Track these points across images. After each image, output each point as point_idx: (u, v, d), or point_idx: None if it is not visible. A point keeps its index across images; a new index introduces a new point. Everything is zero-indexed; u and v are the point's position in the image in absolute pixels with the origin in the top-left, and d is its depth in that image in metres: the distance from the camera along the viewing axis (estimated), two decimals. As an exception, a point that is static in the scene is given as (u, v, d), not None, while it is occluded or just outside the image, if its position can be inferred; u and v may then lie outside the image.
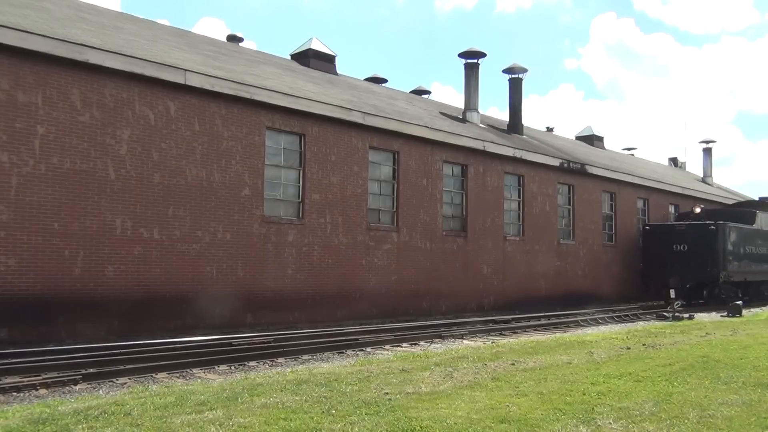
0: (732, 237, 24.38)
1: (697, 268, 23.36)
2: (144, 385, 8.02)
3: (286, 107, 15.98)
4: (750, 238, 25.70)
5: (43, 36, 12.20)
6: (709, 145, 41.67)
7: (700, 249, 23.50)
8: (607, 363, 9.27)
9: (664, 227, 25.90)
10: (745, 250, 25.15)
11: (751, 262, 25.69)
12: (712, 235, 23.58)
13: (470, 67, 26.10)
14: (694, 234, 23.99)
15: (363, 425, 5.66)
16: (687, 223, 25.31)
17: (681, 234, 24.40)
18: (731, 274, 23.90)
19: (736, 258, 24.42)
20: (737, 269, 24.46)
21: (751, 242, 25.73)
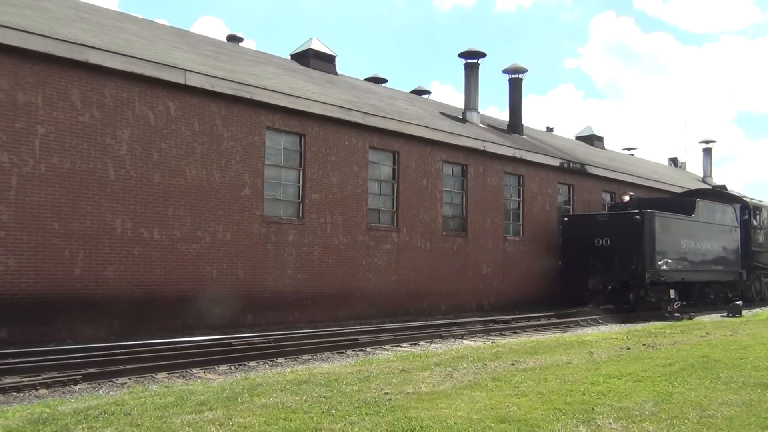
0: (663, 229, 20.27)
1: (621, 266, 19.49)
2: (144, 385, 8.02)
3: (286, 107, 15.98)
4: (689, 230, 21.50)
5: (43, 36, 12.20)
6: (709, 145, 41.70)
7: (624, 243, 19.58)
8: (607, 363, 9.27)
9: (585, 218, 21.77)
10: (682, 245, 21.03)
11: (692, 259, 21.56)
12: (637, 227, 19.54)
13: (470, 67, 26.10)
14: (618, 225, 20.05)
15: (363, 425, 5.66)
16: (610, 213, 21.83)
17: (603, 226, 20.40)
18: (661, 273, 19.77)
19: (669, 254, 20.31)
20: (672, 267, 20.33)
21: (691, 235, 21.53)
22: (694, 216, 21.98)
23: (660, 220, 20.20)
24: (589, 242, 20.30)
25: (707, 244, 22.29)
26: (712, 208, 23.42)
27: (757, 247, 25.54)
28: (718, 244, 22.89)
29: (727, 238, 23.56)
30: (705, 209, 22.80)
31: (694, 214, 21.97)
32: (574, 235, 21.14)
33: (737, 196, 25.61)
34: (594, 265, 19.97)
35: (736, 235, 24.08)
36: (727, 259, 23.53)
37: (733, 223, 24.03)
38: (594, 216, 21.55)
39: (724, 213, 23.86)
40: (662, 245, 20.06)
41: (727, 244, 23.59)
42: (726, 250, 23.47)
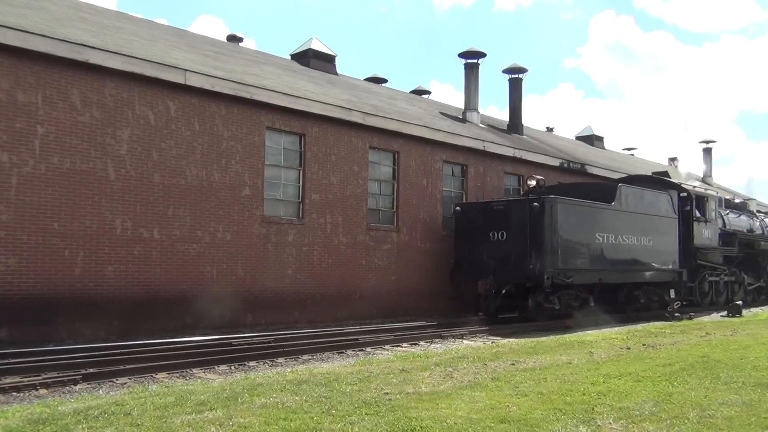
0: (570, 219, 16.54)
1: (518, 265, 15.93)
2: (144, 385, 8.02)
3: (286, 107, 15.98)
4: (608, 222, 17.68)
5: (43, 36, 12.20)
6: (709, 145, 41.73)
7: (522, 237, 16.11)
8: (607, 363, 9.27)
9: (479, 207, 17.83)
10: (598, 239, 17.30)
11: (612, 256, 17.79)
12: (536, 216, 15.84)
13: (470, 67, 26.11)
14: (515, 215, 16.39)
15: (363, 425, 5.66)
16: (507, 200, 18.05)
17: (499, 216, 16.70)
18: (568, 273, 16.17)
19: (579, 250, 16.86)
20: (583, 266, 16.87)
21: (611, 228, 17.69)
22: (615, 204, 17.97)
23: (565, 207, 16.44)
24: (484, 236, 16.72)
25: (633, 239, 18.50)
26: (639, 195, 19.29)
27: (703, 243, 21.48)
28: (648, 238, 19.02)
29: (661, 231, 19.67)
30: (630, 197, 18.71)
31: (614, 202, 17.96)
32: (468, 227, 17.34)
33: (676, 183, 21.75)
34: (488, 263, 16.37)
35: (674, 229, 20.25)
36: (662, 256, 19.66)
37: (670, 213, 20.10)
38: (489, 204, 17.60)
39: (656, 202, 19.81)
40: (569, 239, 16.46)
41: (662, 238, 19.68)
42: (660, 246, 19.56)
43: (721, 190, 39.55)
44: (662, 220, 19.90)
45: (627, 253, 18.40)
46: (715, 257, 22.40)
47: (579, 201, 17.22)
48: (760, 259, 25.79)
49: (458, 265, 17.51)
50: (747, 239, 24.56)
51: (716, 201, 22.88)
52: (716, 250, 22.31)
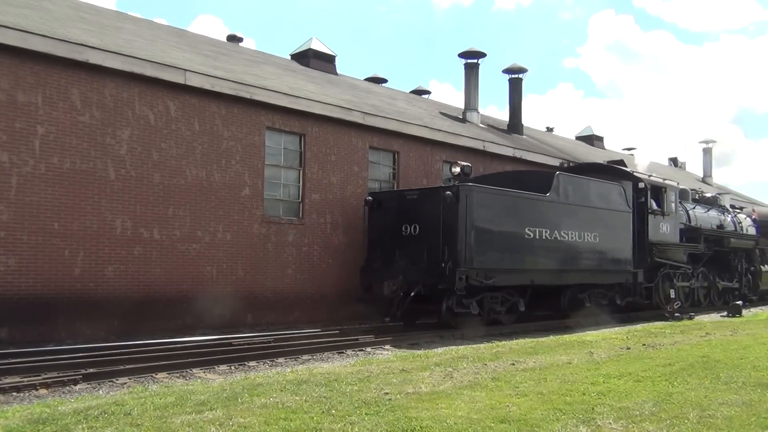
0: (490, 210, 14.30)
1: (429, 263, 13.80)
2: (144, 385, 8.02)
3: (286, 107, 15.98)
4: (542, 214, 15.45)
5: (43, 36, 12.20)
6: (709, 145, 41.71)
7: (435, 231, 13.87)
8: (607, 363, 9.27)
9: (392, 196, 15.65)
10: (528, 234, 14.99)
11: (547, 254, 15.54)
12: (450, 207, 13.60)
13: (470, 67, 26.12)
14: (428, 206, 14.07)
15: (363, 425, 5.66)
16: (420, 189, 15.57)
17: (412, 207, 14.50)
18: (488, 273, 13.96)
19: (503, 247, 14.52)
20: (509, 266, 14.61)
21: (545, 222, 15.45)
22: (552, 195, 15.68)
23: (485, 197, 14.23)
24: (397, 230, 14.58)
25: (575, 235, 16.21)
26: (582, 185, 16.97)
27: (660, 239, 19.05)
28: (595, 234, 16.80)
29: (611, 226, 17.44)
30: (569, 187, 16.40)
31: (550, 193, 15.66)
32: (381, 220, 15.12)
33: (629, 173, 19.32)
34: (398, 262, 14.29)
35: (628, 224, 18.00)
36: (613, 254, 17.53)
37: (622, 207, 17.80)
38: (402, 193, 15.42)
39: (605, 193, 17.48)
40: (490, 234, 14.23)
41: (613, 234, 17.49)
42: (610, 243, 17.41)
43: (721, 189, 39.58)
44: (612, 213, 17.55)
45: (568, 251, 16.15)
46: (678, 255, 20.02)
47: (503, 190, 14.90)
48: (732, 257, 23.34)
49: (370, 263, 15.18)
50: (715, 236, 22.19)
51: (676, 193, 20.32)
52: (678, 246, 19.99)
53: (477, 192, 14.14)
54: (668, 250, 19.53)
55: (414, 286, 13.63)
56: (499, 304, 14.77)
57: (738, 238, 23.51)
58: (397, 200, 15.15)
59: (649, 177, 19.84)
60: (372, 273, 14.91)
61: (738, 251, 23.62)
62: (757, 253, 25.09)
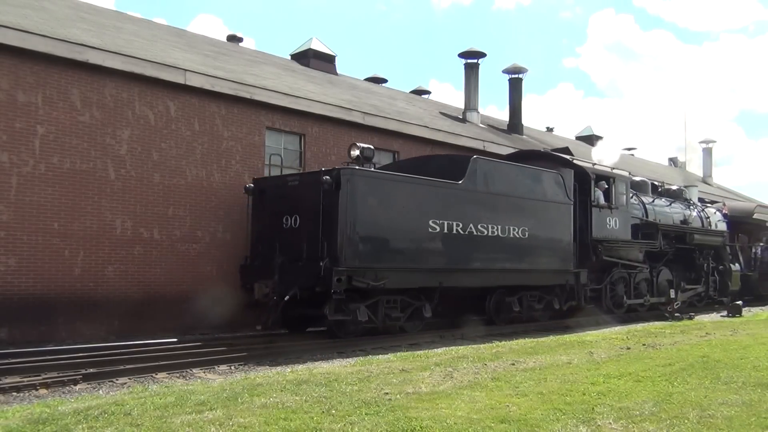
0: (381, 200, 12.15)
1: (308, 262, 11.78)
2: (144, 385, 8.02)
3: (286, 107, 15.99)
4: (452, 206, 13.22)
5: (43, 36, 12.21)
6: (709, 145, 41.72)
7: (314, 223, 11.92)
8: (607, 363, 9.27)
9: (275, 183, 13.50)
10: (434, 228, 12.79)
11: (461, 252, 13.36)
12: (330, 196, 11.70)
13: (470, 67, 26.14)
14: (309, 194, 12.08)
15: (363, 425, 5.66)
16: (301, 174, 14.00)
17: (294, 195, 12.57)
18: (378, 273, 11.95)
19: (399, 243, 12.42)
20: (408, 265, 12.53)
21: (456, 214, 13.22)
22: (465, 183, 13.48)
23: (372, 184, 12.08)
24: (278, 222, 12.61)
25: (498, 229, 13.99)
26: (506, 172, 14.74)
27: (606, 235, 16.92)
28: (524, 228, 14.59)
29: (545, 220, 15.24)
30: (490, 173, 14.15)
31: (463, 180, 13.46)
32: (264, 210, 13.16)
33: (568, 160, 17.00)
34: (276, 260, 12.14)
35: (568, 218, 15.78)
36: (548, 252, 15.36)
37: (560, 197, 15.59)
38: (284, 179, 13.31)
39: (538, 182, 15.28)
40: (380, 227, 12.14)
41: (548, 229, 15.33)
42: (544, 240, 15.20)
43: (721, 190, 39.58)
44: (547, 205, 15.33)
45: (489, 249, 13.91)
46: (632, 253, 18.05)
47: (398, 176, 12.93)
48: (696, 255, 21.10)
49: (251, 261, 13.25)
50: (675, 231, 19.91)
51: (627, 183, 18.05)
52: (631, 244, 17.93)
53: (362, 177, 11.99)
54: (619, 247, 17.48)
55: (290, 288, 11.66)
56: (398, 309, 12.68)
57: (703, 235, 21.20)
58: (279, 188, 13.03)
59: (594, 165, 17.52)
60: (252, 273, 12.86)
61: (704, 249, 21.32)
62: (727, 250, 22.79)
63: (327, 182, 11.63)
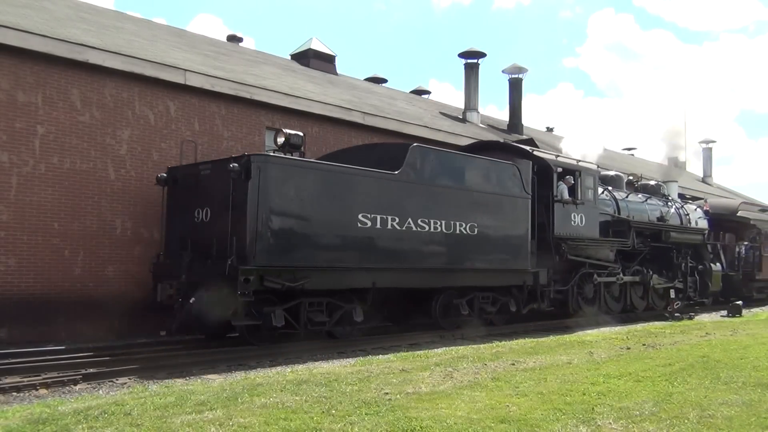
0: (299, 190, 10.91)
1: (218, 261, 10.49)
2: (144, 385, 8.02)
3: (286, 107, 15.99)
4: (387, 198, 12.00)
5: (43, 36, 12.21)
6: (709, 145, 41.73)
7: (224, 216, 10.68)
8: (607, 363, 9.27)
9: (187, 172, 12.00)
10: (364, 223, 11.58)
11: (398, 249, 12.15)
12: (239, 185, 10.50)
13: (470, 67, 26.16)
14: (220, 184, 10.86)
15: (363, 425, 5.66)
16: (214, 162, 11.84)
17: (206, 186, 11.36)
18: (298, 273, 10.77)
19: (322, 238, 11.21)
20: (333, 263, 11.34)
21: (392, 207, 12.02)
22: (403, 173, 12.22)
23: (288, 172, 10.84)
24: (190, 215, 11.41)
25: (441, 224, 12.75)
26: (452, 162, 13.48)
27: (571, 232, 15.58)
28: (472, 224, 13.32)
29: (499, 215, 13.94)
30: (432, 163, 12.90)
31: (401, 170, 12.20)
32: (178, 201, 11.86)
33: (527, 151, 15.66)
34: (185, 258, 11.02)
35: (525, 213, 14.45)
36: (502, 250, 14.08)
37: (515, 191, 14.28)
38: (197, 168, 11.87)
39: (489, 173, 13.96)
40: (297, 221, 10.92)
41: (501, 225, 14.01)
42: (497, 236, 13.90)
43: (721, 190, 39.58)
44: (501, 199, 13.98)
45: (432, 246, 12.74)
46: (601, 252, 16.85)
47: (320, 164, 11.74)
48: (674, 254, 19.82)
49: (164, 259, 11.88)
50: (650, 229, 18.70)
51: (595, 177, 16.61)
52: (599, 242, 16.66)
53: (277, 165, 10.76)
54: (586, 246, 16.14)
55: (194, 289, 10.54)
56: (324, 313, 11.49)
57: (681, 232, 19.89)
58: (191, 177, 11.70)
59: (557, 157, 16.16)
60: (164, 271, 11.58)
61: (682, 247, 20.09)
62: (708, 249, 21.50)
63: (235, 171, 10.40)
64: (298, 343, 11.29)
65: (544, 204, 15.00)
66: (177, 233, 11.70)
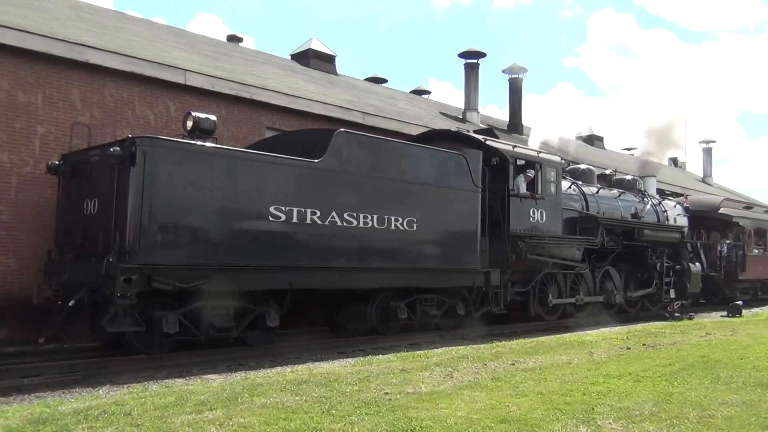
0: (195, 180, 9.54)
1: (102, 257, 9.12)
2: (144, 385, 8.02)
3: (286, 107, 15.99)
4: (307, 190, 10.67)
5: (43, 36, 12.21)
6: (709, 145, 41.76)
7: (108, 207, 9.46)
8: (607, 363, 9.28)
9: (78, 158, 10.57)
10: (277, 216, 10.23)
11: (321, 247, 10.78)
12: (122, 173, 9.23)
13: (470, 67, 26.19)
14: (107, 173, 9.56)
15: (363, 425, 5.66)
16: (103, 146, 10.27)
17: (95, 174, 10.01)
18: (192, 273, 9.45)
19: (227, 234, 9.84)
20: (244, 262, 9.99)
21: (314, 200, 10.69)
22: (326, 161, 10.84)
23: (179, 158, 9.49)
24: (80, 207, 10.18)
25: (373, 219, 11.36)
26: (382, 150, 11.89)
27: (532, 229, 14.45)
28: (410, 218, 11.92)
29: (441, 209, 12.52)
30: (358, 151, 11.39)
31: (323, 158, 10.82)
32: (69, 192, 10.66)
33: (479, 140, 14.34)
34: (68, 255, 10.21)
35: (474, 207, 13.08)
36: (446, 248, 12.70)
37: (463, 183, 12.90)
38: (87, 154, 10.40)
39: (431, 163, 12.61)
40: (193, 213, 9.50)
41: (444, 220, 12.62)
42: (440, 233, 12.59)
43: (721, 190, 39.58)
44: (445, 192, 12.62)
45: (362, 243, 11.29)
46: (567, 251, 15.58)
47: (221, 149, 10.17)
48: (649, 253, 18.53)
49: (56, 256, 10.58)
50: (621, 226, 17.50)
51: (558, 170, 15.39)
52: (563, 240, 15.49)
53: (167, 150, 9.43)
54: (547, 244, 14.88)
55: (78, 290, 9.27)
56: (230, 318, 10.12)
57: (656, 230, 18.64)
58: (82, 164, 10.30)
59: (514, 148, 14.82)
60: (53, 270, 10.35)
61: (658, 246, 18.76)
62: (687, 248, 20.18)
63: (115, 155, 9.10)
64: (298, 343, 11.32)
65: (500, 198, 13.83)
66: (66, 227, 10.48)
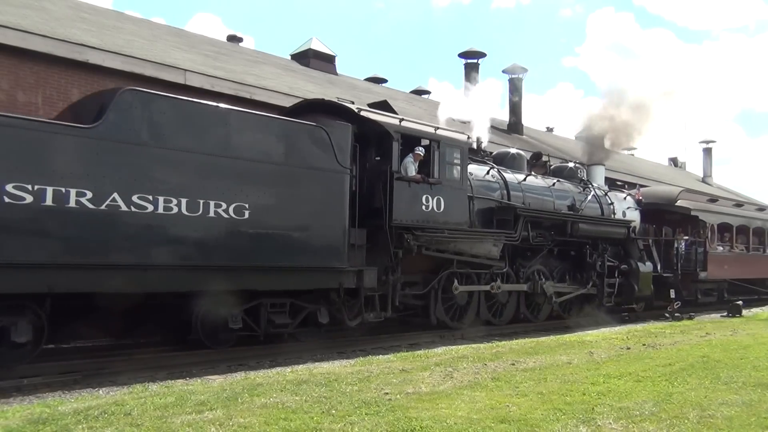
0: None
1: None
2: (144, 385, 8.02)
3: (286, 107, 15.95)
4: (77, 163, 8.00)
5: (43, 36, 12.22)
6: (709, 145, 41.79)
7: None
8: (607, 363, 9.27)
9: None
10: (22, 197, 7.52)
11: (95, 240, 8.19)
12: None
13: (470, 66, 26.18)
14: None
15: (363, 425, 5.66)
16: None
17: None
18: None
19: None
20: None
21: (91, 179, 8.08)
22: (103, 128, 8.24)
23: None
24: None
25: (174, 203, 8.82)
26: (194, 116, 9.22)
27: (425, 219, 11.90)
28: (241, 204, 9.44)
29: (288, 193, 10.02)
30: (156, 116, 8.76)
31: (101, 123, 8.23)
32: None
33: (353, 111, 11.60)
34: None
35: (339, 191, 10.64)
36: (295, 242, 10.17)
37: (322, 162, 10.40)
38: None
39: (268, 137, 9.92)
40: None
41: (293, 207, 10.06)
42: (287, 223, 10.04)
43: (721, 190, 39.58)
44: (294, 173, 10.12)
45: (166, 235, 8.87)
46: (478, 247, 13.08)
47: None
48: (588, 250, 16.03)
49: None
50: (549, 219, 14.86)
51: (462, 150, 12.81)
52: (472, 234, 12.97)
53: None
54: (449, 238, 12.37)
55: None
56: None
57: (595, 224, 16.00)
58: None
59: (401, 122, 12.05)
60: None
61: (600, 242, 16.26)
62: (638, 245, 17.58)
63: None
64: (299, 343, 11.32)
65: (382, 182, 11.35)
66: None
